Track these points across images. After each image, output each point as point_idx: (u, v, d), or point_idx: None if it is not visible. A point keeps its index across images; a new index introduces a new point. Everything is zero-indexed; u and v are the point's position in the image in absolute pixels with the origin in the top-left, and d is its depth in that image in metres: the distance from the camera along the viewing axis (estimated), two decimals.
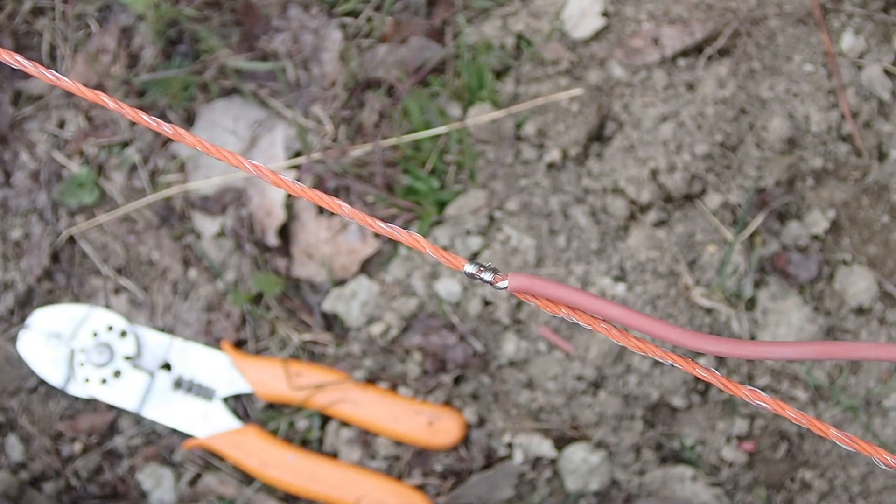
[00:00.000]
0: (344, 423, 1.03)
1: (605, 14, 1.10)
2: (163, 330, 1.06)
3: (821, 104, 1.06)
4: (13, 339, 1.06)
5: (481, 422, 1.02)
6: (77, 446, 1.05)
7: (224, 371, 1.03)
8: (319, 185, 1.09)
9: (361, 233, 1.06)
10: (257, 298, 1.06)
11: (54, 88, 1.13)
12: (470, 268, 0.30)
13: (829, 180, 1.05)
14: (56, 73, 0.46)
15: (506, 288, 0.30)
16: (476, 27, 1.11)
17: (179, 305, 1.07)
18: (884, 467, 0.28)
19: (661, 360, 0.29)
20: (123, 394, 1.02)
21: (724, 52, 1.08)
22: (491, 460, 1.01)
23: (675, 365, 0.29)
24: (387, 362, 1.03)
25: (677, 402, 1.00)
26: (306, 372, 1.02)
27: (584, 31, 1.09)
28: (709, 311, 1.01)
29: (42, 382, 1.05)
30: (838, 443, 0.28)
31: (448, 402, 1.02)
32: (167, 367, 1.04)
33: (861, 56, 1.08)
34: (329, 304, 1.04)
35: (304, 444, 1.03)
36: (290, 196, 1.09)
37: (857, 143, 1.06)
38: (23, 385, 1.06)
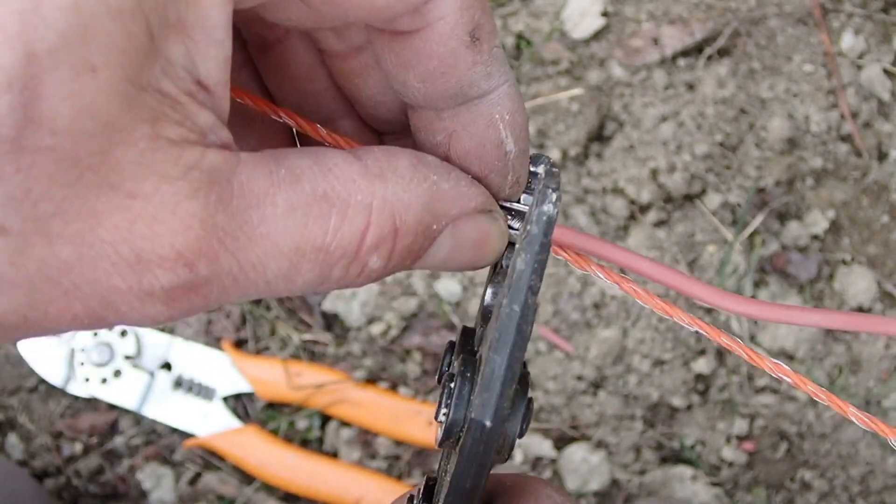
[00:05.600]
0: (344, 423, 1.03)
1: (605, 14, 1.10)
2: (163, 329, 1.06)
3: (821, 104, 1.06)
4: None
5: None
6: (77, 445, 1.05)
7: (224, 371, 1.03)
8: None
9: None
10: (257, 298, 1.06)
11: None
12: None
13: (829, 180, 1.05)
14: None
15: None
16: None
17: None
18: None
19: (687, 326, 0.29)
20: (124, 393, 1.02)
21: (724, 52, 1.08)
22: None
23: (700, 331, 0.29)
24: (387, 362, 1.03)
25: (677, 402, 1.00)
26: (306, 371, 1.02)
27: (584, 31, 1.09)
28: (709, 310, 1.01)
29: (42, 381, 1.06)
30: (857, 422, 0.28)
31: None
32: (167, 366, 1.04)
33: (861, 56, 1.08)
34: (329, 304, 1.05)
35: (304, 443, 1.03)
36: None
37: (857, 143, 1.06)
38: (23, 384, 1.06)
